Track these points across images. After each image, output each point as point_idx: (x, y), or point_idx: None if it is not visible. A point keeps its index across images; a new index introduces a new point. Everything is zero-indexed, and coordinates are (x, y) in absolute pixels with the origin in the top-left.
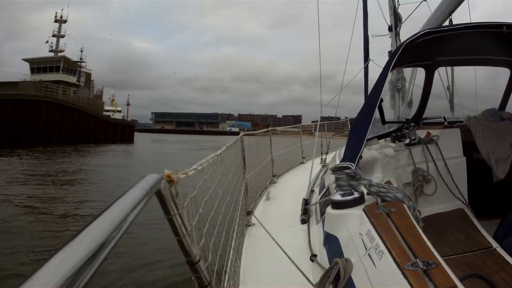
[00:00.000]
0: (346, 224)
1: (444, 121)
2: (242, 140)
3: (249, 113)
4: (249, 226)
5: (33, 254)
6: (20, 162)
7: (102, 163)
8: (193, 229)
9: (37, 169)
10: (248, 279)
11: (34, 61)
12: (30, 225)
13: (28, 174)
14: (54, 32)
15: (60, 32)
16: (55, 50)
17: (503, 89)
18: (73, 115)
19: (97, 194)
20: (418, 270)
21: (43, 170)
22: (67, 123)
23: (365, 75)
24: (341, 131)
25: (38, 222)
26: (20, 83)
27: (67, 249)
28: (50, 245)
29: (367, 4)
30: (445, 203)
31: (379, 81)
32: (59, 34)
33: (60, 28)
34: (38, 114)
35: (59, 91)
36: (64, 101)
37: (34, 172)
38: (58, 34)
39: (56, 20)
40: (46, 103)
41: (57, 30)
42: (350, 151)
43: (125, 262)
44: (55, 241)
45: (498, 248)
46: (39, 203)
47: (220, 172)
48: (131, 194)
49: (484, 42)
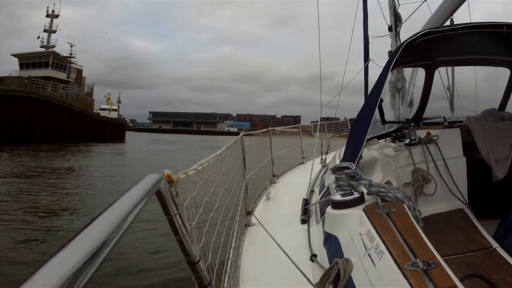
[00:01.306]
0: (346, 224)
1: (444, 121)
2: (242, 140)
3: (248, 113)
4: (249, 226)
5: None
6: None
7: (76, 166)
8: (193, 229)
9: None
10: (248, 279)
11: (22, 57)
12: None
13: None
14: (45, 27)
15: (52, 27)
16: (46, 46)
17: (503, 89)
18: (59, 112)
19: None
20: (418, 270)
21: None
22: (52, 121)
23: (365, 75)
24: (340, 132)
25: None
26: (4, 79)
27: (67, 249)
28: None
29: (367, 4)
30: (445, 203)
31: (379, 81)
32: (51, 29)
33: (51, 23)
34: (21, 111)
35: (48, 88)
36: (49, 97)
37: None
38: (49, 29)
39: (48, 15)
40: (30, 99)
41: (49, 25)
42: (350, 151)
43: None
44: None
45: (498, 248)
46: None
47: (220, 172)
48: (131, 194)
49: (484, 42)
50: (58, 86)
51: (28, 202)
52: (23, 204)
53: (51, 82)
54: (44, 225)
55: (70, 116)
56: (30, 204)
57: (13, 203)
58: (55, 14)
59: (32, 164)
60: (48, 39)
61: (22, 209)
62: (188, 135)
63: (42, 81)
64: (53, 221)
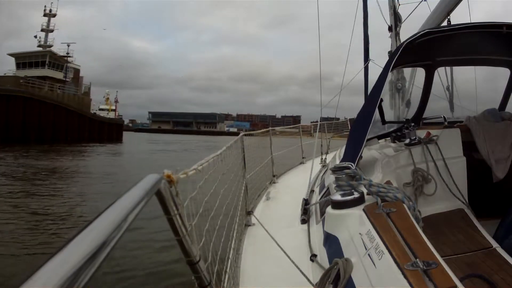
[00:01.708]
0: (346, 224)
1: (444, 121)
2: (242, 140)
3: (248, 113)
4: (249, 226)
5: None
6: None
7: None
8: (193, 229)
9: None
10: (248, 279)
11: (19, 56)
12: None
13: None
14: (42, 26)
15: (49, 27)
16: (43, 45)
17: (503, 89)
18: (55, 112)
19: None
20: (418, 270)
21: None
22: (48, 121)
23: (365, 75)
24: (340, 132)
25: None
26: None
27: (67, 249)
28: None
29: (367, 4)
30: (445, 203)
31: (379, 81)
32: (48, 28)
33: (49, 22)
34: (15, 111)
35: (45, 88)
36: (44, 97)
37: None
38: (47, 28)
39: (45, 14)
40: (24, 99)
41: (46, 24)
42: (350, 151)
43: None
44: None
45: (498, 248)
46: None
47: (220, 172)
48: (131, 194)
49: (484, 42)
50: (55, 86)
51: (20, 205)
52: (14, 207)
53: (47, 82)
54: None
55: (66, 116)
56: (22, 206)
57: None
58: (52, 13)
59: (24, 165)
60: (46, 38)
61: (12, 213)
62: (187, 135)
63: (38, 81)
64: (39, 225)
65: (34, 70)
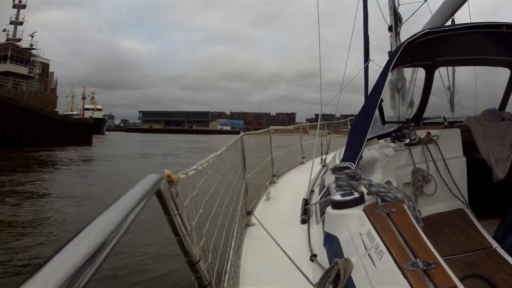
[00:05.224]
0: (346, 224)
1: (444, 121)
2: (242, 140)
3: (242, 111)
4: (249, 226)
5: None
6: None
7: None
8: (193, 229)
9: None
10: (248, 279)
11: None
12: None
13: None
14: (11, 19)
15: (18, 19)
16: (12, 39)
17: (503, 89)
18: (5, 111)
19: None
20: (418, 270)
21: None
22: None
23: (365, 75)
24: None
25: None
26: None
27: (67, 249)
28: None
29: (367, 4)
30: (445, 203)
31: (379, 81)
32: (17, 20)
33: (18, 13)
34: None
35: (8, 85)
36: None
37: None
38: (15, 20)
39: (14, 5)
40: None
41: (15, 16)
42: (350, 151)
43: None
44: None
45: (498, 248)
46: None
47: (220, 172)
48: (131, 194)
49: (484, 42)
50: (20, 83)
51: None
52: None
53: (11, 78)
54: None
55: (19, 115)
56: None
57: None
58: (22, 4)
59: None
60: (14, 31)
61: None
62: (178, 135)
63: (0, 78)
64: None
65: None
